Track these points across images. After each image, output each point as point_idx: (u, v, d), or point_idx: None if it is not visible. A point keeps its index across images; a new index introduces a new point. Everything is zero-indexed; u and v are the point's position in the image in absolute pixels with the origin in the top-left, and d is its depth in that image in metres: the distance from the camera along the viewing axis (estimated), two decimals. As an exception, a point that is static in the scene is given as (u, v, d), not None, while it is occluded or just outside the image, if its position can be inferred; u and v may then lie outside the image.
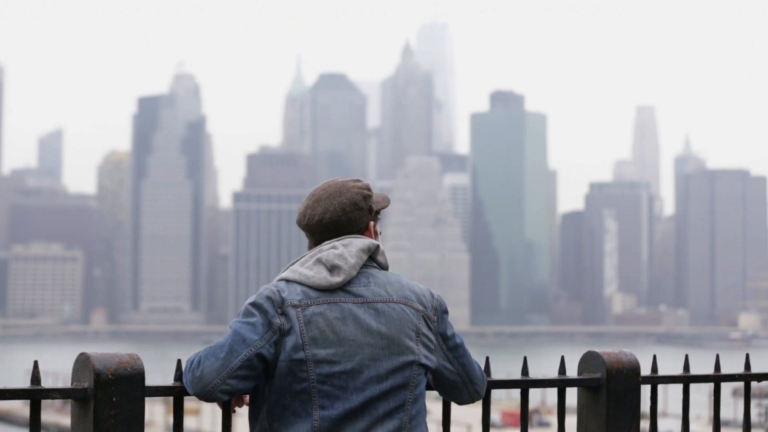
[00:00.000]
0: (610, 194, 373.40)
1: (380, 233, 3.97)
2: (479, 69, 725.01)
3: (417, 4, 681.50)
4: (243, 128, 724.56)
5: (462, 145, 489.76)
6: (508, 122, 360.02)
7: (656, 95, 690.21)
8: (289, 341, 3.67)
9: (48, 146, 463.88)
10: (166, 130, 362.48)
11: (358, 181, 3.95)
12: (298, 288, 3.75)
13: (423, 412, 3.85)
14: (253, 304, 3.71)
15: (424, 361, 3.81)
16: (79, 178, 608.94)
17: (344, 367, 3.68)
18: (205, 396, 3.67)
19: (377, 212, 3.95)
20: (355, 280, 3.80)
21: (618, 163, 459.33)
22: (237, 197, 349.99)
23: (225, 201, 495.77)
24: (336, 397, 3.67)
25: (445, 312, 3.91)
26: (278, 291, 3.73)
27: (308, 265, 3.81)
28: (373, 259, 3.88)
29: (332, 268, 3.78)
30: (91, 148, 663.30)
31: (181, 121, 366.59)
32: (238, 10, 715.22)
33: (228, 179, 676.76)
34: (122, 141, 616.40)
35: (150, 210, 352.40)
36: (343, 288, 3.77)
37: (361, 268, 3.83)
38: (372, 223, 3.93)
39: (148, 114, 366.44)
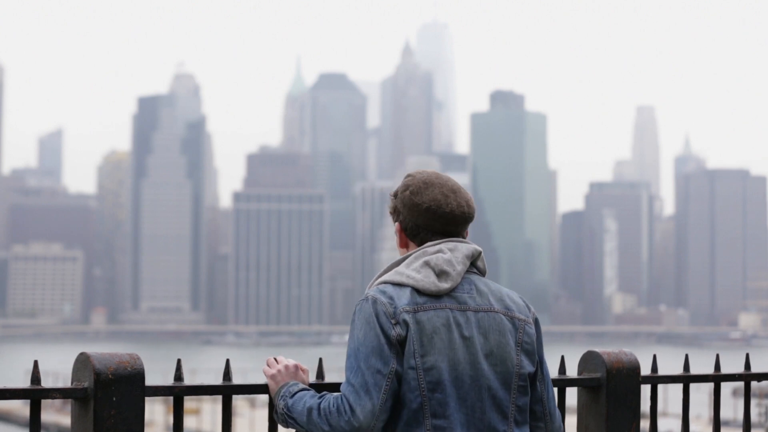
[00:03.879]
0: (610, 194, 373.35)
1: None
2: (479, 69, 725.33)
3: (417, 4, 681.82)
4: (243, 128, 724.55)
5: (462, 145, 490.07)
6: (508, 122, 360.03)
7: (656, 95, 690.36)
8: (406, 348, 3.66)
9: (48, 146, 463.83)
10: (166, 130, 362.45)
11: None
12: (407, 291, 3.70)
13: (527, 422, 3.82)
14: (367, 321, 3.67)
15: (526, 370, 3.78)
16: (79, 178, 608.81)
17: (449, 376, 3.65)
18: None
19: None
20: (459, 287, 3.77)
21: (618, 163, 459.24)
22: (237, 197, 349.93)
23: (225, 201, 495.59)
24: (446, 405, 3.64)
25: (539, 326, 3.93)
26: (389, 301, 3.68)
27: (415, 268, 3.75)
28: (473, 264, 3.87)
29: (440, 274, 3.74)
30: (91, 148, 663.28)
31: (181, 121, 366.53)
32: (238, 10, 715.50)
33: (228, 179, 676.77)
34: (122, 141, 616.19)
35: (150, 210, 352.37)
36: (448, 294, 3.74)
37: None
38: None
39: (148, 114, 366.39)
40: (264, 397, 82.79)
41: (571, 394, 4.83)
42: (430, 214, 3.83)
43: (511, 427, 3.74)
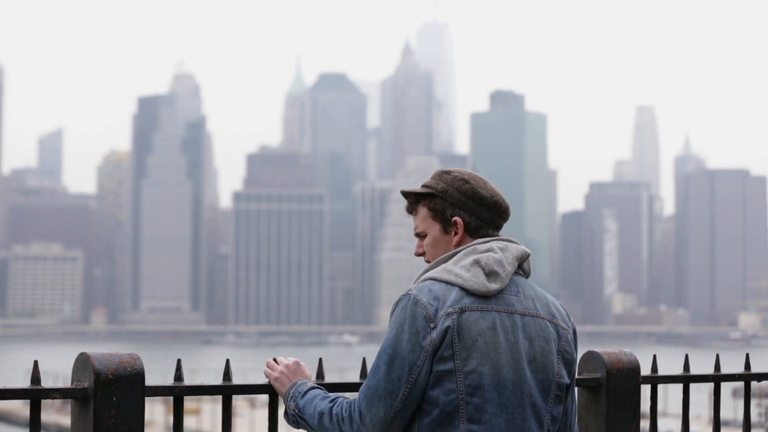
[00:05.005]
0: (610, 194, 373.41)
1: None
2: (479, 69, 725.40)
3: (417, 4, 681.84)
4: (243, 128, 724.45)
5: (462, 145, 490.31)
6: (508, 122, 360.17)
7: (656, 95, 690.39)
8: (441, 350, 3.53)
9: (48, 146, 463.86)
10: (166, 130, 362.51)
11: None
12: (454, 290, 3.59)
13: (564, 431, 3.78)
14: (403, 323, 3.56)
15: (564, 380, 3.72)
16: (79, 178, 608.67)
17: (491, 380, 3.56)
18: None
19: None
20: (506, 288, 3.68)
21: (618, 163, 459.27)
22: (237, 197, 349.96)
23: (225, 201, 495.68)
24: (484, 410, 3.54)
25: (576, 337, 3.84)
26: (433, 300, 3.57)
27: (464, 265, 3.65)
28: (519, 266, 3.78)
29: (490, 274, 3.64)
30: (91, 148, 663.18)
31: (181, 121, 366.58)
32: (238, 10, 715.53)
33: (228, 179, 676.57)
34: (122, 141, 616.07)
35: (150, 210, 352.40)
36: (495, 295, 3.65)
37: None
38: None
39: (148, 114, 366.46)
40: (264, 397, 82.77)
41: (572, 394, 5.50)
42: (493, 208, 3.77)
43: None
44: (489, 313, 3.59)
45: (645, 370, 4.59)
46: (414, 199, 3.82)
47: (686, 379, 4.69)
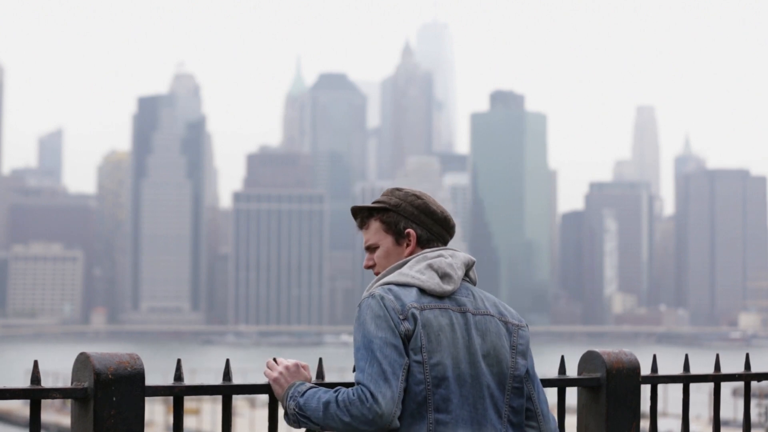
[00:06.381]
0: (610, 194, 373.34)
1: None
2: (479, 69, 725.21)
3: (417, 4, 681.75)
4: (243, 128, 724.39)
5: (462, 145, 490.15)
6: (508, 122, 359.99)
7: (656, 95, 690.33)
8: (411, 344, 3.71)
9: (48, 146, 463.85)
10: (166, 130, 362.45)
11: None
12: (413, 291, 3.79)
13: (522, 424, 3.90)
14: (376, 315, 3.73)
15: (520, 372, 3.88)
16: (79, 178, 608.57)
17: (453, 373, 3.74)
18: (386, 428, 3.68)
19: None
20: (458, 291, 3.87)
21: (618, 163, 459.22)
22: (237, 197, 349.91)
23: (225, 201, 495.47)
24: (450, 401, 3.72)
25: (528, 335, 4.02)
26: (394, 297, 3.76)
27: (419, 269, 3.84)
28: (466, 273, 3.95)
29: (443, 276, 3.83)
30: (91, 148, 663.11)
31: (181, 121, 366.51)
32: (238, 10, 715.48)
33: (228, 179, 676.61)
34: (122, 141, 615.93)
35: (150, 210, 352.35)
36: (450, 296, 3.84)
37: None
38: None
39: (148, 114, 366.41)
40: (264, 397, 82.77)
41: (571, 394, 4.79)
42: (443, 223, 3.97)
43: (506, 427, 3.83)
44: (446, 311, 3.79)
45: (645, 370, 4.61)
46: (367, 214, 4.02)
47: (686, 379, 4.71)
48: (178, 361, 3.84)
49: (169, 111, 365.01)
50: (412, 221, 3.95)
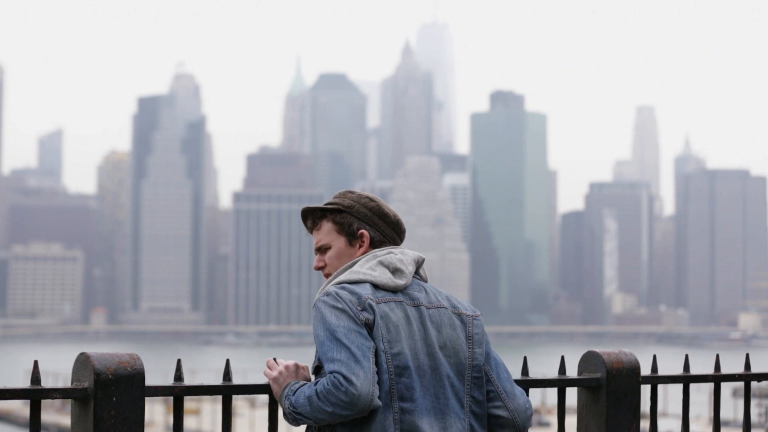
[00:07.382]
0: (610, 194, 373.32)
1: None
2: (479, 69, 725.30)
3: (417, 4, 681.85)
4: (243, 128, 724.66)
5: (462, 145, 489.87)
6: (508, 122, 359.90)
7: (656, 95, 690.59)
8: (373, 333, 3.75)
9: (48, 146, 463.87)
10: (166, 130, 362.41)
11: None
12: (366, 286, 3.82)
13: (485, 414, 3.93)
14: (334, 307, 3.75)
15: (479, 361, 3.92)
16: (79, 178, 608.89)
17: (413, 364, 3.78)
18: (367, 408, 3.67)
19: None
20: (410, 286, 3.92)
21: (618, 163, 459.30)
22: (237, 197, 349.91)
23: (225, 201, 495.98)
24: (413, 389, 3.76)
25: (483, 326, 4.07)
26: (349, 292, 3.79)
27: (370, 266, 3.88)
28: (416, 271, 4.01)
29: (395, 271, 3.89)
30: (91, 148, 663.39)
31: (181, 121, 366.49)
32: (238, 10, 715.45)
33: (228, 179, 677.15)
34: (122, 141, 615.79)
35: (150, 210, 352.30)
36: (402, 291, 3.88)
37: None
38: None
39: (148, 114, 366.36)
40: (264, 397, 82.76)
41: (571, 395, 4.79)
42: (395, 226, 4.02)
43: (468, 416, 3.86)
44: (400, 304, 3.84)
45: (645, 370, 4.62)
46: (319, 215, 4.04)
47: (686, 379, 4.71)
48: (178, 361, 3.85)
49: (169, 111, 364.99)
50: (365, 223, 3.98)
